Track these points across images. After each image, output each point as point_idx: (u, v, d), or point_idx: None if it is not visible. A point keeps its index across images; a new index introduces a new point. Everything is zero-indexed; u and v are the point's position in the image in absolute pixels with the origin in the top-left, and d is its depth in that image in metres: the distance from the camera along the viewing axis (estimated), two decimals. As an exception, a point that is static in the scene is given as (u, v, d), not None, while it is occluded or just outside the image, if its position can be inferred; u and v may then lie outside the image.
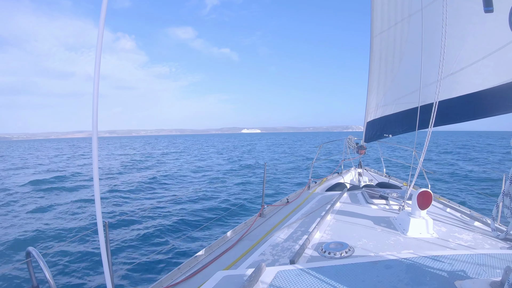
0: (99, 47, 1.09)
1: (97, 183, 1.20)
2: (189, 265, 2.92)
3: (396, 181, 5.40)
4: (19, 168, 21.45)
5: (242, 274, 1.55)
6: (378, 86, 4.78)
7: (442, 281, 1.40)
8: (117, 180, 14.70)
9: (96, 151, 1.21)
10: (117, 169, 19.32)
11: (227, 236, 3.52)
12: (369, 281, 1.42)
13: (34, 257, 1.79)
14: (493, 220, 2.38)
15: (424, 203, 2.27)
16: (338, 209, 2.95)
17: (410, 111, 4.04)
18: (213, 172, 17.11)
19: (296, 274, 1.50)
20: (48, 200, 10.58)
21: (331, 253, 1.94)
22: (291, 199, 4.60)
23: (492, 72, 2.93)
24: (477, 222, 2.72)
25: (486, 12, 2.24)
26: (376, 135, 5.04)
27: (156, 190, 12.13)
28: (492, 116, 3.02)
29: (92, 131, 1.16)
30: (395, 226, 2.41)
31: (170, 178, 15.18)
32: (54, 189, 12.77)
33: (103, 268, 1.34)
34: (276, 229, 2.96)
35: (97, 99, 1.15)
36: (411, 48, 3.96)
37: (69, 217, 8.34)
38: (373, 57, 4.71)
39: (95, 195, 1.20)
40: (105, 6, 1.10)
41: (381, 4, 4.22)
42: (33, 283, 1.93)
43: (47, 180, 14.96)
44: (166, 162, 23.78)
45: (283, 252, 2.13)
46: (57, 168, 20.82)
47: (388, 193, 3.24)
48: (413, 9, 3.75)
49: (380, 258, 1.66)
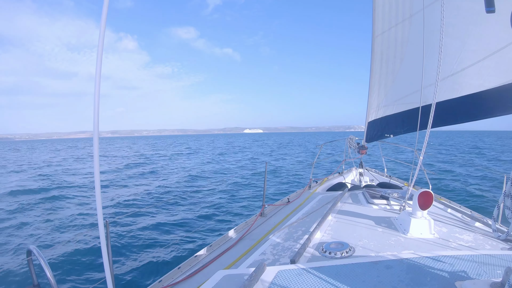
0: (100, 48, 1.10)
1: (98, 183, 1.21)
2: (189, 264, 2.92)
3: (397, 181, 5.40)
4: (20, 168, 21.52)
5: (243, 274, 1.55)
6: (380, 87, 4.78)
7: (443, 281, 1.40)
8: (117, 180, 14.72)
9: (97, 151, 1.21)
10: (118, 169, 19.35)
11: (228, 236, 3.52)
12: (369, 281, 1.42)
13: (35, 255, 1.79)
14: (494, 221, 2.38)
15: (425, 203, 2.27)
16: (339, 209, 2.95)
17: (411, 111, 4.04)
18: (224, 174, 17.10)
19: (297, 274, 1.50)
20: (49, 200, 10.60)
21: (332, 253, 1.94)
22: (292, 199, 4.60)
23: (493, 73, 2.92)
24: (478, 222, 2.71)
25: (487, 12, 2.23)
26: (377, 135, 5.04)
27: (157, 190, 12.15)
28: (493, 117, 3.01)
29: (93, 131, 1.17)
30: (396, 226, 2.41)
31: (171, 178, 15.20)
32: (54, 188, 12.80)
33: (104, 267, 1.34)
34: (277, 228, 2.96)
35: (98, 99, 1.15)
36: (412, 48, 3.96)
37: (70, 217, 8.36)
38: (375, 57, 4.71)
39: (96, 194, 1.21)
40: (106, 7, 1.10)
41: (383, 5, 4.22)
42: (33, 282, 1.93)
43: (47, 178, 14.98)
44: (167, 163, 23.80)
45: (283, 252, 2.14)
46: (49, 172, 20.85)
47: (389, 193, 3.24)
48: (414, 10, 3.74)
49: (381, 258, 1.66)
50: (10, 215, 8.66)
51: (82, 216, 8.30)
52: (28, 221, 7.93)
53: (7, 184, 14.14)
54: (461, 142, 43.88)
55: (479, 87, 3.06)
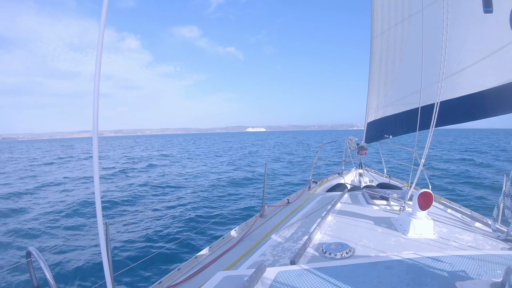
0: (100, 48, 1.10)
1: (97, 183, 1.21)
2: (189, 266, 2.92)
3: (396, 182, 5.41)
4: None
5: (243, 275, 1.55)
6: (379, 87, 4.79)
7: (443, 281, 1.40)
8: (117, 180, 14.71)
9: (97, 151, 1.21)
10: (118, 169, 19.34)
11: (228, 237, 3.52)
12: (369, 281, 1.42)
13: (34, 257, 1.79)
14: (493, 221, 2.38)
15: (425, 204, 2.27)
16: (338, 210, 2.95)
17: (411, 112, 4.04)
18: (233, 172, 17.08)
19: (297, 275, 1.50)
20: (49, 200, 10.58)
21: (332, 254, 1.94)
22: (292, 200, 4.60)
23: (493, 73, 2.93)
24: (477, 223, 2.71)
25: (485, 12, 2.24)
26: (376, 135, 5.04)
27: (157, 190, 12.13)
28: (493, 116, 3.02)
29: (92, 131, 1.17)
30: (396, 226, 2.41)
31: (171, 178, 15.18)
32: (54, 188, 12.79)
33: (103, 268, 1.34)
34: (277, 229, 2.96)
35: (98, 99, 1.15)
36: (411, 49, 3.96)
37: (70, 217, 8.35)
38: (374, 58, 4.72)
39: (95, 195, 1.20)
40: (105, 7, 1.10)
41: (381, 5, 4.23)
42: (33, 283, 1.93)
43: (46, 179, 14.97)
44: (169, 163, 23.79)
45: (283, 253, 2.13)
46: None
47: (388, 194, 3.24)
48: (414, 10, 3.75)
49: (381, 258, 1.66)
50: (11, 214, 8.65)
51: (82, 217, 8.30)
52: (28, 221, 7.92)
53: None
54: (461, 142, 43.94)
55: (479, 86, 3.06)
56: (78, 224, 7.75)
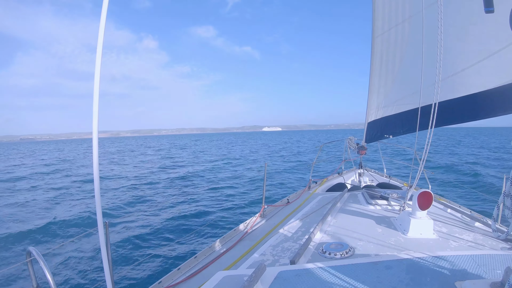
0: (99, 48, 1.10)
1: (98, 183, 1.21)
2: (189, 265, 2.92)
3: (396, 182, 5.41)
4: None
5: (243, 274, 1.55)
6: (379, 87, 4.79)
7: (443, 281, 1.40)
8: (118, 180, 14.71)
9: (97, 151, 1.21)
10: (119, 169, 19.34)
11: (228, 236, 3.52)
12: (369, 281, 1.42)
13: (34, 257, 1.79)
14: (493, 221, 2.38)
15: (425, 203, 2.27)
16: (338, 210, 2.95)
17: (411, 112, 4.04)
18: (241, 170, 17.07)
19: (297, 275, 1.50)
20: (49, 200, 10.59)
21: (332, 254, 1.94)
22: (292, 200, 4.60)
23: (493, 73, 2.93)
24: (477, 222, 2.71)
25: (486, 12, 2.24)
26: (377, 135, 5.04)
27: (157, 190, 12.14)
28: (493, 116, 3.02)
29: (92, 130, 1.17)
30: (396, 226, 2.41)
31: (171, 178, 15.19)
32: (55, 189, 12.79)
33: (103, 268, 1.34)
34: (277, 229, 2.96)
35: (98, 99, 1.16)
36: (411, 49, 3.96)
37: (70, 217, 8.35)
38: (374, 58, 4.72)
39: (95, 195, 1.21)
40: (105, 7, 1.10)
41: (382, 5, 4.23)
42: (33, 283, 1.93)
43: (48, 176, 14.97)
44: (170, 163, 23.78)
45: (283, 253, 2.13)
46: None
47: (388, 194, 3.24)
48: (414, 10, 3.75)
49: (381, 258, 1.66)
50: (10, 215, 8.65)
51: (82, 217, 8.30)
52: (27, 222, 7.92)
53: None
54: (459, 140, 43.90)
55: (479, 87, 3.06)
56: (78, 224, 7.76)
